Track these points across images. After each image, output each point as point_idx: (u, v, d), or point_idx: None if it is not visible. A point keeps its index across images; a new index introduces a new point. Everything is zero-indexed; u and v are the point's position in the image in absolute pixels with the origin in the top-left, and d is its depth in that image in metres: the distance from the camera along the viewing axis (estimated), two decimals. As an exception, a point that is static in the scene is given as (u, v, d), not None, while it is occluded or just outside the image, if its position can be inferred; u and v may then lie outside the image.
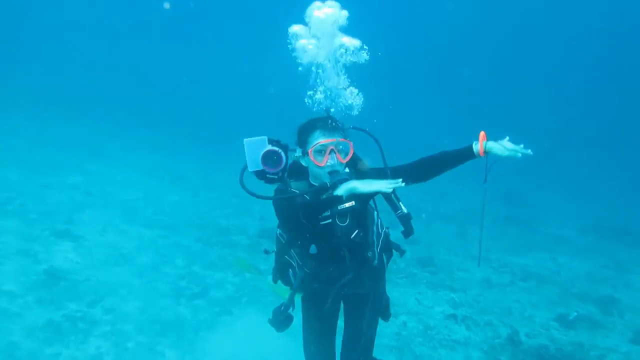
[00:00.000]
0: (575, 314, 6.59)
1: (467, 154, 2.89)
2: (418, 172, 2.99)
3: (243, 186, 2.81)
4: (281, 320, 3.04)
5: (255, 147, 2.82)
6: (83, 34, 37.97)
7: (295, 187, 2.92)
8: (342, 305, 3.26)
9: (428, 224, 11.57)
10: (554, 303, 7.28)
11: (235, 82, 35.03)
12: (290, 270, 3.09)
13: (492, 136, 2.86)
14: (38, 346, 4.31)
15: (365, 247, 3.01)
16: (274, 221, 3.04)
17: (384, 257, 3.16)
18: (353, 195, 2.74)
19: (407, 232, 3.00)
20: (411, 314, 6.35)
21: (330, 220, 2.87)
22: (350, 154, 2.85)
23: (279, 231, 3.12)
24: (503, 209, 14.08)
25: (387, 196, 2.95)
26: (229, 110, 27.28)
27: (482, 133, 2.86)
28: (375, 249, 3.07)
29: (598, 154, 25.45)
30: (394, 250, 3.23)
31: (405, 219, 2.97)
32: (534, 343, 5.75)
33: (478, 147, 2.83)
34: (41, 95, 21.00)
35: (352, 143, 2.86)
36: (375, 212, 3.10)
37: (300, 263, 3.03)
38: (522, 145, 2.79)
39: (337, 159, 2.79)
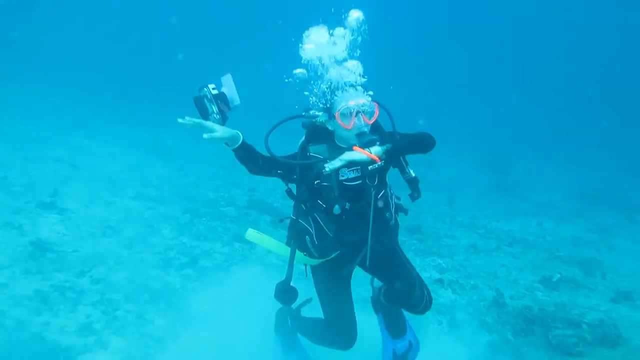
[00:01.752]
0: (559, 275, 6.73)
1: None
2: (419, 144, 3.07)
3: (267, 148, 2.92)
4: (285, 293, 3.12)
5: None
6: (64, 7, 36.89)
7: (315, 151, 2.99)
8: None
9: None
10: (539, 266, 7.43)
11: (222, 54, 34.38)
12: (307, 237, 3.14)
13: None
14: (27, 315, 4.30)
15: (386, 208, 3.11)
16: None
17: (397, 217, 3.28)
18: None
19: (415, 196, 3.14)
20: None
21: (360, 182, 2.97)
22: (376, 115, 2.92)
23: (299, 198, 3.16)
24: (489, 176, 14.23)
25: (396, 160, 3.09)
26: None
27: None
28: (392, 209, 3.19)
29: (581, 121, 25.63)
30: (401, 213, 3.34)
31: (413, 183, 3.12)
32: (518, 304, 5.87)
33: None
34: (24, 68, 20.48)
35: (377, 104, 2.93)
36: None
37: (324, 227, 3.06)
38: None
39: (364, 120, 2.85)
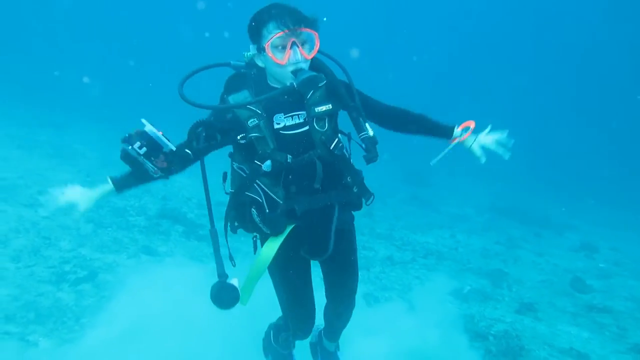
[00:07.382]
0: (469, 287, 6.92)
1: (443, 134, 2.77)
2: (393, 119, 2.72)
3: (183, 97, 2.30)
4: (219, 294, 2.47)
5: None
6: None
7: (235, 100, 2.41)
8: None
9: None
10: (451, 278, 7.60)
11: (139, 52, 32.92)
12: (252, 208, 2.54)
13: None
14: None
15: (344, 167, 2.63)
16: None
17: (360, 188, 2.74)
18: (322, 99, 2.45)
19: (370, 158, 2.57)
20: (315, 292, 6.29)
21: (307, 127, 2.46)
22: (317, 48, 2.39)
23: (236, 165, 2.64)
24: (408, 189, 14.61)
25: (352, 115, 2.58)
26: (132, 83, 25.63)
27: (472, 124, 2.75)
28: (352, 172, 2.69)
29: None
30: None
31: (370, 142, 2.55)
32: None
33: (459, 135, 2.74)
34: None
35: (318, 34, 2.36)
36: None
37: (271, 194, 2.51)
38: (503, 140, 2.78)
39: (301, 54, 2.33)
